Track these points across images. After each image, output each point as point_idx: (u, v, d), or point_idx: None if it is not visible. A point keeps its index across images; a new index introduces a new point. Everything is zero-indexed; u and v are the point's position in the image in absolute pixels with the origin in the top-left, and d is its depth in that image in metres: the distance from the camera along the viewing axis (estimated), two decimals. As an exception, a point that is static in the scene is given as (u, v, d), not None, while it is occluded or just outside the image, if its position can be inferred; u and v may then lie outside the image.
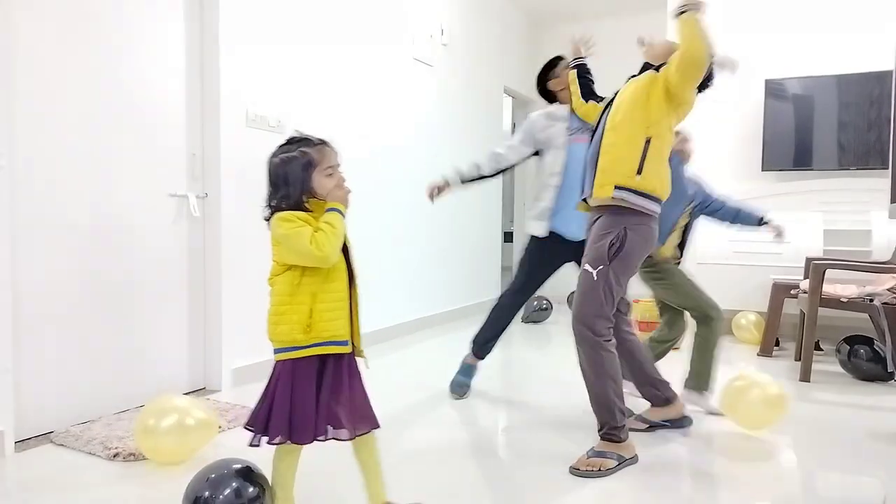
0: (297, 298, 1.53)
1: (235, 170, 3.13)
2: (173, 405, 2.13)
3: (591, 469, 2.11)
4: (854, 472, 2.17)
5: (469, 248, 5.58)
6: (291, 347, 1.54)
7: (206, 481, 1.61)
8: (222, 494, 1.58)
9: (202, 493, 1.58)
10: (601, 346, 2.19)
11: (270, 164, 1.58)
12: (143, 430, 2.09)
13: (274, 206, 1.55)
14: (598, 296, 2.18)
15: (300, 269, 1.54)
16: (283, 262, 1.54)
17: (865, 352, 3.35)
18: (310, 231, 1.49)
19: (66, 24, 2.48)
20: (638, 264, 2.24)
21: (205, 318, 3.13)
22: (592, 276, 2.19)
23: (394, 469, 2.06)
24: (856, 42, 4.59)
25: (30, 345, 2.38)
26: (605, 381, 2.18)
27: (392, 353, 4.02)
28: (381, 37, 4.26)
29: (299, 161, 1.54)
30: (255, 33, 3.24)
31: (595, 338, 2.18)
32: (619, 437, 2.18)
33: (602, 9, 6.36)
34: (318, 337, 1.54)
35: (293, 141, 1.59)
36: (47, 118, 2.42)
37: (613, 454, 2.15)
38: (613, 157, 2.16)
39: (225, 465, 1.66)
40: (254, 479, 1.64)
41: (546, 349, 4.25)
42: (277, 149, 1.60)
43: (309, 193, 1.56)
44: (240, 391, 3.07)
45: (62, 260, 2.48)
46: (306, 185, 1.55)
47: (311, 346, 1.54)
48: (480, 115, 5.70)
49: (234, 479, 1.61)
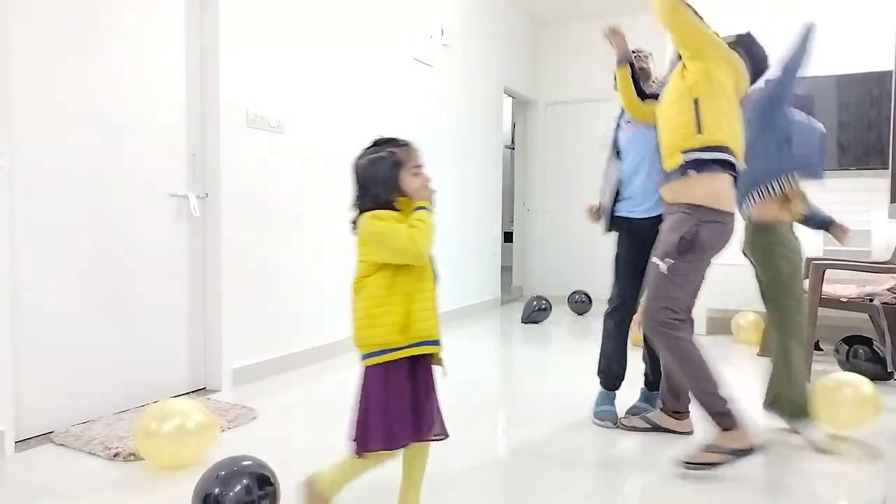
0: (391, 300, 1.51)
1: (236, 170, 3.13)
2: (174, 409, 2.11)
3: (701, 461, 2.08)
4: (854, 471, 2.17)
5: (469, 248, 5.58)
6: (386, 350, 1.51)
7: (217, 478, 1.62)
8: (233, 491, 1.59)
9: (212, 490, 1.59)
10: (670, 337, 2.15)
11: (358, 165, 1.59)
12: (145, 435, 2.07)
13: (363, 207, 1.55)
14: (665, 288, 2.17)
15: (392, 270, 1.52)
16: (374, 261, 1.53)
17: (864, 352, 3.34)
18: (405, 227, 1.49)
19: (66, 25, 2.48)
20: (709, 260, 2.22)
21: (205, 318, 3.13)
22: (659, 267, 2.18)
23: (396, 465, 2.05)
24: (855, 42, 4.59)
25: (30, 345, 2.38)
26: (688, 370, 2.14)
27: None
28: (381, 37, 4.26)
29: (388, 161, 1.55)
30: (256, 33, 3.24)
31: (664, 329, 2.16)
32: (725, 424, 2.09)
33: (602, 9, 6.36)
34: (414, 337, 1.52)
35: (379, 143, 1.61)
36: (47, 118, 2.42)
37: (722, 447, 2.07)
38: (670, 128, 2.23)
39: (235, 462, 1.67)
40: (264, 476, 1.65)
41: (546, 349, 4.25)
42: (364, 150, 1.61)
43: (397, 193, 1.56)
44: (240, 391, 3.07)
45: (62, 260, 2.48)
46: (395, 185, 1.55)
47: (407, 347, 1.52)
48: (480, 115, 5.70)
49: (245, 477, 1.62)
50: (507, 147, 8.34)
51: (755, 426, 2.13)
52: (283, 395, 3.04)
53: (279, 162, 3.42)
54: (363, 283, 1.54)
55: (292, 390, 3.12)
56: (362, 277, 1.54)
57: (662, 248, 2.20)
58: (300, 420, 2.69)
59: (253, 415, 2.68)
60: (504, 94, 6.28)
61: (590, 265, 6.87)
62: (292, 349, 3.55)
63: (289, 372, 3.47)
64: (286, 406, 2.87)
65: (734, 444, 2.05)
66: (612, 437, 2.50)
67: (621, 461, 2.28)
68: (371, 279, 1.53)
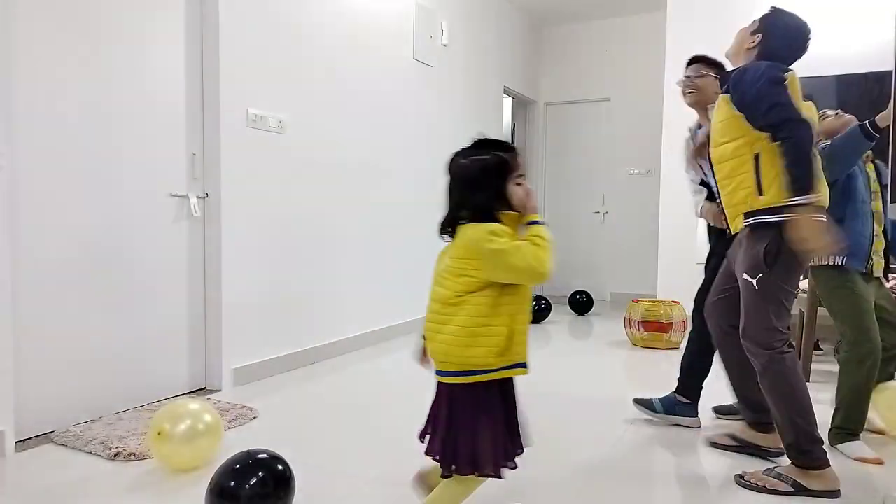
0: (495, 320, 1.40)
1: (236, 170, 3.13)
2: (185, 410, 2.08)
3: (756, 483, 1.99)
4: (854, 471, 2.17)
5: (469, 248, 5.56)
6: (480, 371, 1.41)
7: (232, 471, 1.64)
8: (248, 484, 1.61)
9: (227, 484, 1.61)
10: (773, 360, 1.98)
11: (459, 167, 1.46)
12: (156, 439, 2.04)
13: (461, 216, 1.44)
14: (762, 307, 1.99)
15: (498, 288, 1.41)
16: (483, 278, 1.40)
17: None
18: (528, 246, 1.38)
19: (66, 25, 2.48)
20: (803, 264, 2.01)
21: (205, 318, 3.13)
22: (752, 285, 2.00)
23: (399, 463, 2.05)
24: (856, 42, 4.60)
25: (30, 345, 2.38)
26: (782, 399, 1.98)
27: (392, 353, 4.02)
28: (382, 37, 4.26)
29: (495, 166, 1.42)
30: (256, 34, 3.24)
31: (765, 351, 1.99)
32: (803, 463, 1.95)
33: (602, 9, 6.36)
34: (510, 360, 1.43)
35: (482, 143, 1.48)
36: (48, 118, 2.43)
37: (791, 479, 1.95)
38: (730, 190, 2.07)
39: (249, 455, 1.69)
40: (279, 469, 1.68)
41: (546, 349, 4.25)
42: (464, 151, 1.48)
43: (501, 203, 1.43)
44: (240, 391, 3.07)
45: (62, 260, 2.48)
46: (500, 194, 1.43)
47: (500, 370, 1.43)
48: (480, 115, 5.70)
49: (261, 469, 1.65)
50: (507, 147, 8.35)
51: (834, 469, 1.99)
52: (283, 395, 3.04)
53: (279, 162, 3.42)
54: (465, 299, 1.41)
55: (292, 390, 3.12)
56: (464, 293, 1.41)
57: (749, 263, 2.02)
58: (300, 420, 2.69)
59: (253, 415, 2.68)
60: (504, 94, 6.28)
61: (590, 265, 6.88)
62: (292, 349, 3.55)
63: (289, 372, 3.47)
64: (286, 406, 2.87)
65: (805, 481, 1.94)
66: (612, 435, 2.50)
67: (623, 461, 2.27)
68: (475, 296, 1.40)
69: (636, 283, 6.63)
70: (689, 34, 4.97)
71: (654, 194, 6.56)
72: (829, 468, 1.95)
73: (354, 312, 4.08)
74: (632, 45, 6.51)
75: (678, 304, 4.27)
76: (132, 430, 2.42)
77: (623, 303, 6.68)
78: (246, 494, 1.60)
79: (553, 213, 7.08)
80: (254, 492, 1.61)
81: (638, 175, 6.58)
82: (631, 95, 6.50)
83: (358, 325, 4.11)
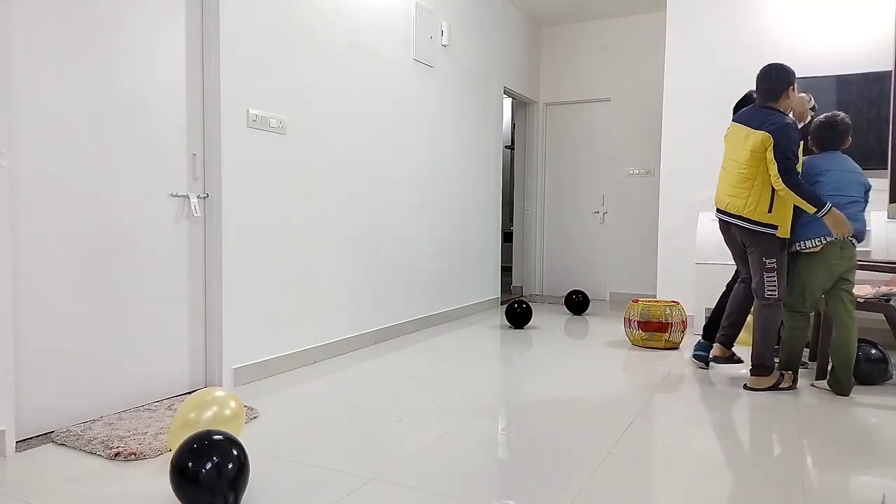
0: None
1: (236, 170, 3.14)
2: (213, 397, 2.21)
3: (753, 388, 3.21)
4: (854, 471, 2.18)
5: (469, 248, 5.58)
6: None
7: (189, 451, 1.71)
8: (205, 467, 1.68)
9: (186, 464, 1.69)
10: (764, 306, 3.20)
11: None
12: (183, 425, 2.14)
13: None
14: (764, 274, 3.20)
15: None
16: None
17: (864, 352, 3.35)
18: None
19: (66, 25, 2.48)
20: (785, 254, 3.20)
21: (205, 318, 3.13)
22: (765, 262, 3.19)
23: (399, 463, 2.05)
24: (855, 42, 4.60)
25: (30, 344, 2.38)
26: (759, 329, 3.21)
27: (392, 353, 4.02)
28: (382, 37, 4.26)
29: None
30: (256, 34, 3.24)
31: (760, 300, 3.24)
32: (759, 372, 3.21)
33: (602, 9, 6.37)
34: None
35: None
36: (48, 118, 2.43)
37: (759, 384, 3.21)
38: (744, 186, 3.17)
39: (207, 435, 1.76)
40: (235, 450, 1.75)
41: (546, 349, 4.26)
42: None
43: None
44: (240, 391, 3.07)
45: (63, 260, 2.49)
46: None
47: None
48: (480, 115, 5.71)
49: (216, 452, 1.71)
50: (506, 147, 8.36)
51: None
52: (283, 394, 3.04)
53: (279, 162, 3.42)
54: None
55: (292, 390, 3.12)
56: None
57: None
58: (300, 420, 2.69)
59: (254, 414, 2.68)
60: (504, 94, 6.29)
61: (590, 265, 6.89)
62: (293, 349, 3.55)
63: (289, 372, 3.47)
64: (286, 406, 2.87)
65: (766, 383, 3.18)
66: (612, 435, 2.51)
67: (623, 461, 2.28)
68: None
69: (636, 282, 6.63)
70: (689, 34, 4.98)
71: (653, 194, 6.58)
72: (774, 373, 3.20)
73: (354, 312, 4.08)
74: (632, 45, 6.52)
75: (678, 304, 4.27)
76: (132, 430, 2.43)
77: (622, 303, 6.69)
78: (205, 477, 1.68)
79: (553, 213, 7.08)
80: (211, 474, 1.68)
81: (638, 175, 6.59)
82: (631, 95, 6.50)
83: (358, 325, 4.12)
